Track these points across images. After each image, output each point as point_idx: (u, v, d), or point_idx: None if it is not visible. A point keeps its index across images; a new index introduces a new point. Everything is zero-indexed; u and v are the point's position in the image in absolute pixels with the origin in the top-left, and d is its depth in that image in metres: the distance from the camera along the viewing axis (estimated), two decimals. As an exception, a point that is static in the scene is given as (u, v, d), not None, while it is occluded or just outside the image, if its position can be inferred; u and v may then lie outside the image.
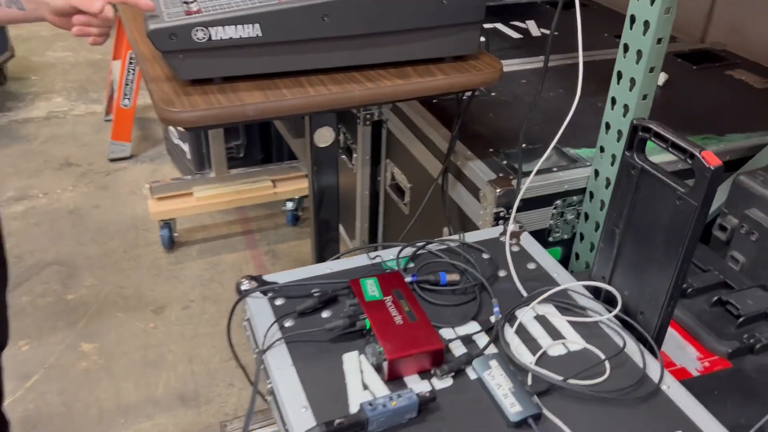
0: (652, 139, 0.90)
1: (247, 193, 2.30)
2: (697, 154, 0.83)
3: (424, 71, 1.09)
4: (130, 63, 2.85)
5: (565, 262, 1.43)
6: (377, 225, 1.94)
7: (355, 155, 1.85)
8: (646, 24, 1.10)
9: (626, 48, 1.15)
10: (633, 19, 1.13)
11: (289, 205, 2.41)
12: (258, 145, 2.57)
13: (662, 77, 1.72)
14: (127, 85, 2.86)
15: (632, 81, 1.15)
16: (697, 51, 1.97)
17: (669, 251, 0.90)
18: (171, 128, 2.71)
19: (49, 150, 3.00)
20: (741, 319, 1.11)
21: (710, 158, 0.82)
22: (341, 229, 2.12)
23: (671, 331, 1.11)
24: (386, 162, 1.78)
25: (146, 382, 1.82)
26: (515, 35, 2.06)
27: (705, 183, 0.83)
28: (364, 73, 1.07)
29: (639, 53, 1.12)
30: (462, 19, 1.08)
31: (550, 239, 1.39)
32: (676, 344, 1.09)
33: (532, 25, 2.14)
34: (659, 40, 1.10)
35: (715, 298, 1.15)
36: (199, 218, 2.48)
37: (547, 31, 2.12)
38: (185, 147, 2.56)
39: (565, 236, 1.40)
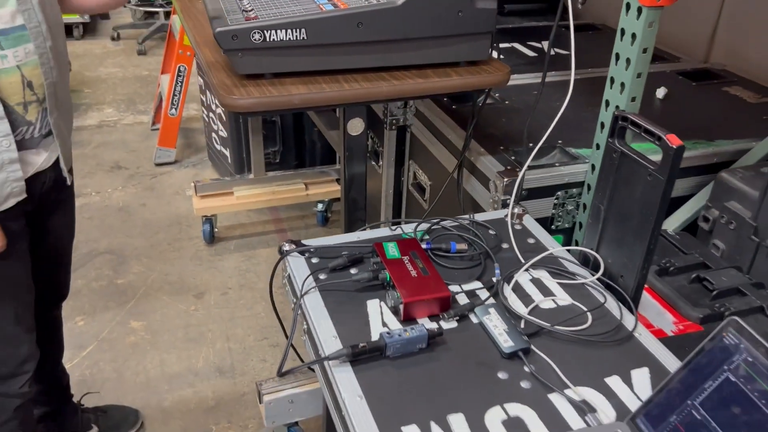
0: (629, 126, 1.08)
1: (281, 194, 2.51)
2: (663, 136, 1.01)
3: (442, 73, 1.29)
4: (178, 76, 3.10)
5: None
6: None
7: (381, 158, 2.05)
8: (633, 36, 1.28)
9: (617, 57, 1.33)
10: (623, 32, 1.31)
11: (320, 207, 2.62)
12: (293, 152, 2.79)
13: (662, 91, 1.90)
14: (174, 96, 3.11)
15: (622, 85, 1.33)
16: (698, 70, 2.13)
17: (643, 222, 1.07)
18: (214, 135, 2.95)
19: (100, 154, 3.27)
20: (714, 293, 1.26)
21: (673, 140, 1.00)
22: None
23: (652, 300, 1.27)
24: (409, 163, 1.97)
25: (188, 355, 2.01)
26: (531, 54, 2.26)
27: (669, 160, 1.00)
28: (392, 73, 1.27)
29: (628, 61, 1.31)
30: (475, 29, 1.28)
31: (553, 227, 1.56)
32: (656, 311, 1.25)
33: (546, 45, 2.34)
34: (645, 50, 1.28)
35: (694, 275, 1.31)
36: (238, 217, 2.70)
37: (562, 51, 2.31)
38: (227, 152, 2.79)
39: (567, 225, 1.56)
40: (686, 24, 2.34)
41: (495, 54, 2.19)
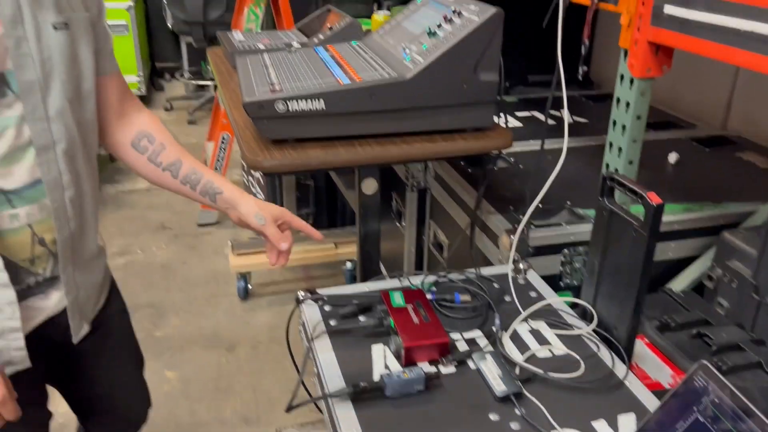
0: (616, 186, 1.17)
1: (312, 252, 2.64)
2: (644, 194, 1.09)
3: (449, 138, 1.40)
4: (222, 143, 3.32)
5: (575, 306, 1.65)
6: (422, 280, 2.21)
7: (404, 218, 2.16)
8: (627, 104, 1.38)
9: (614, 123, 1.43)
10: (618, 101, 1.41)
11: (349, 266, 2.73)
12: (325, 213, 2.93)
13: (673, 156, 1.97)
14: (218, 161, 3.32)
15: (620, 149, 1.42)
16: (713, 137, 2.20)
17: (631, 276, 1.14)
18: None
19: (148, 215, 3.48)
20: (714, 348, 1.30)
21: (654, 197, 1.07)
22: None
23: (651, 354, 1.32)
24: (430, 222, 2.08)
25: (216, 405, 2.10)
26: (550, 122, 2.37)
27: (651, 216, 1.08)
28: (402, 138, 1.40)
29: (623, 127, 1.40)
30: (479, 99, 1.40)
31: (562, 284, 1.62)
32: (655, 365, 1.30)
33: (566, 114, 2.45)
34: (638, 117, 1.38)
35: (695, 331, 1.35)
36: (271, 275, 2.83)
37: (581, 119, 2.42)
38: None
39: (575, 282, 1.63)
40: (703, 92, 2.42)
41: (514, 122, 2.31)
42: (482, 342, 1.20)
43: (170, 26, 5.36)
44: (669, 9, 1.23)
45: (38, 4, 0.96)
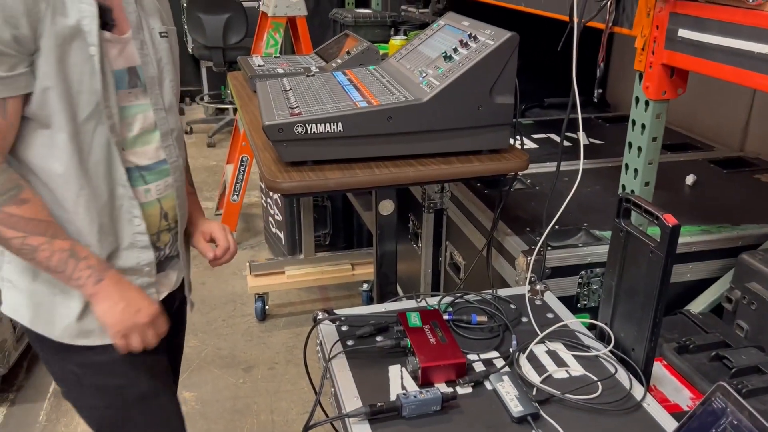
0: (632, 207, 1.17)
1: (329, 273, 2.66)
2: (660, 216, 1.09)
3: (465, 159, 1.42)
4: (241, 165, 3.37)
5: (592, 327, 1.65)
6: (439, 301, 2.21)
7: (420, 239, 2.17)
8: (643, 126, 1.39)
9: (630, 145, 1.44)
10: (633, 123, 1.42)
11: (365, 286, 2.74)
12: (342, 235, 2.95)
13: (691, 178, 1.97)
14: (237, 183, 3.36)
15: (636, 171, 1.43)
16: (731, 158, 2.19)
17: (648, 297, 1.14)
18: (270, 219, 3.15)
19: (167, 237, 3.52)
20: (734, 370, 1.29)
21: (670, 219, 1.08)
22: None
23: (670, 376, 1.30)
24: (446, 244, 2.08)
25: (233, 426, 2.11)
26: (566, 143, 2.37)
27: (667, 237, 1.08)
28: (419, 160, 1.41)
29: (639, 149, 1.41)
30: (494, 122, 1.41)
31: (579, 306, 1.62)
32: (674, 387, 1.28)
33: (581, 135, 2.46)
34: (654, 139, 1.38)
35: (714, 353, 1.34)
36: (288, 295, 2.84)
37: (597, 141, 2.43)
38: (281, 234, 2.98)
39: (593, 304, 1.62)
40: (721, 115, 2.42)
41: (530, 144, 2.33)
42: (499, 363, 1.20)
43: (191, 51, 5.47)
44: (683, 32, 1.24)
45: (149, 14, 1.18)
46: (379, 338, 1.26)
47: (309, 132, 1.35)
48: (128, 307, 1.13)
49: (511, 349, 1.22)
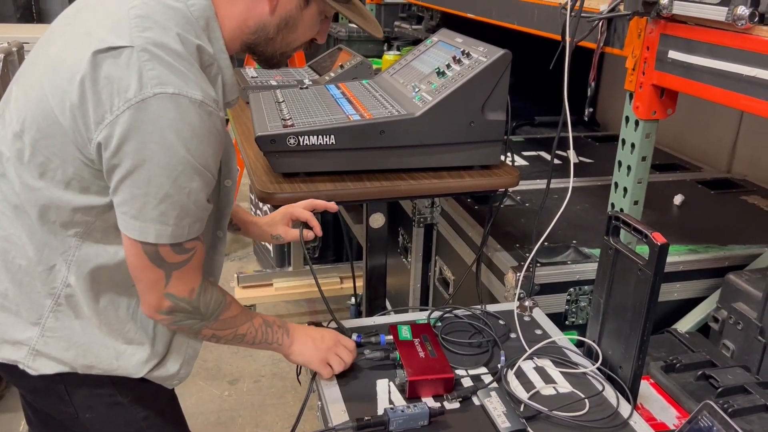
0: (621, 226, 1.18)
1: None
2: (649, 234, 1.10)
3: (456, 174, 1.43)
4: (231, 176, 3.36)
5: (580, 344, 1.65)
6: (427, 316, 2.21)
7: (410, 254, 2.17)
8: (633, 145, 1.40)
9: (620, 164, 1.45)
10: (623, 142, 1.44)
11: (353, 300, 2.73)
12: (331, 248, 2.94)
13: (678, 198, 1.99)
14: (226, 194, 3.35)
15: (625, 189, 1.44)
16: (718, 179, 2.22)
17: (636, 315, 1.14)
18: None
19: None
20: (720, 390, 1.29)
21: (658, 237, 1.09)
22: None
23: (657, 395, 1.31)
24: (436, 258, 2.09)
25: (217, 439, 2.09)
26: (556, 161, 2.39)
27: (655, 256, 1.09)
28: (410, 174, 1.42)
29: (629, 168, 1.42)
30: (486, 138, 1.42)
31: (567, 323, 1.62)
32: (661, 406, 1.29)
33: (572, 154, 2.47)
34: (643, 158, 1.40)
35: (700, 372, 1.34)
36: (276, 308, 2.82)
37: (586, 159, 2.45)
38: (270, 246, 2.97)
39: (581, 321, 1.63)
40: (708, 136, 2.45)
41: (520, 161, 2.34)
42: (487, 378, 1.20)
43: (184, 62, 5.46)
44: (673, 54, 1.26)
45: None
46: (367, 351, 1.25)
47: (301, 144, 1.35)
48: (314, 340, 1.21)
49: (499, 365, 1.22)
